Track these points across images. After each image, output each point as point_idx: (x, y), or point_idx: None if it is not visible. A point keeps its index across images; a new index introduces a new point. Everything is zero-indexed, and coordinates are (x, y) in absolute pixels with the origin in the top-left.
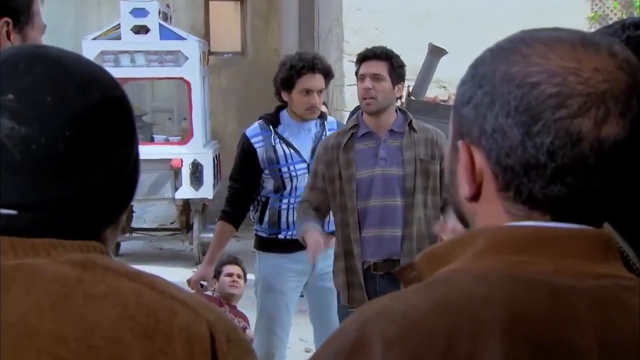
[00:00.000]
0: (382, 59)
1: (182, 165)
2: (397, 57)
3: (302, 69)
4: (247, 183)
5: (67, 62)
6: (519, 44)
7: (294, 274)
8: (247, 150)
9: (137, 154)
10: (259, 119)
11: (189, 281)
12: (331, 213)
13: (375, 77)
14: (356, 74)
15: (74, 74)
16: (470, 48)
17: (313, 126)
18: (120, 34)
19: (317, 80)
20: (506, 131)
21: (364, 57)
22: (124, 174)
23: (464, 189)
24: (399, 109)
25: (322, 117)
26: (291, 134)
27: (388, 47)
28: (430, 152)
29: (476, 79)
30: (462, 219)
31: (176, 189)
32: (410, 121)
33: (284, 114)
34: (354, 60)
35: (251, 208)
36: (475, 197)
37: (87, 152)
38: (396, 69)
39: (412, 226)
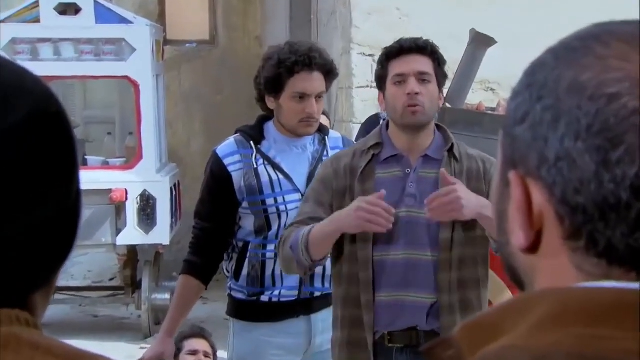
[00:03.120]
0: (426, 54)
1: (126, 199)
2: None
3: (294, 65)
4: (218, 222)
5: None
6: (591, 42)
7: (283, 351)
8: (218, 176)
9: (78, 188)
10: (236, 133)
11: None
12: (329, 264)
13: (422, 78)
14: (380, 77)
15: None
16: (527, 36)
17: (309, 143)
18: (39, 15)
19: (315, 81)
20: (575, 159)
21: (401, 51)
22: (61, 217)
23: (518, 237)
24: (438, 125)
25: (322, 131)
26: (280, 153)
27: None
28: (476, 189)
29: (534, 88)
30: (516, 278)
31: (118, 231)
32: (452, 146)
33: (270, 126)
34: (366, 53)
35: (224, 257)
36: (533, 247)
37: (10, 191)
38: (442, 68)
39: (447, 292)
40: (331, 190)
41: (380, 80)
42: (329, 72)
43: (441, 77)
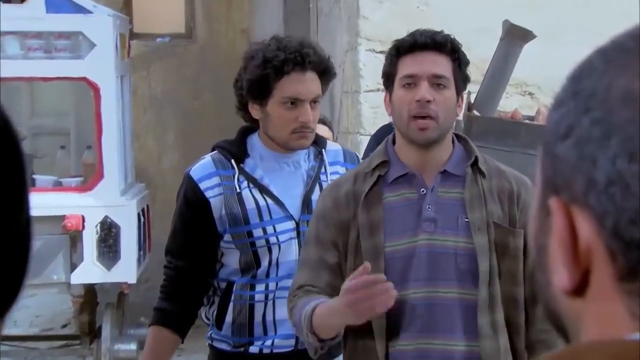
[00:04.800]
0: (445, 52)
1: (83, 227)
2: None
3: (283, 64)
4: (194, 259)
5: None
6: None
7: None
8: (193, 204)
9: (28, 214)
10: (213, 150)
11: None
12: None
13: (436, 82)
14: (388, 74)
15: None
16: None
17: (303, 159)
18: None
19: (309, 83)
20: (629, 183)
21: (414, 46)
22: (7, 250)
23: (561, 277)
24: (457, 135)
25: (318, 143)
26: (267, 172)
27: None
28: (508, 213)
29: (580, 98)
30: (558, 325)
31: (73, 267)
32: (476, 159)
33: (254, 140)
34: (376, 49)
35: (204, 302)
36: (579, 289)
37: None
38: (463, 70)
39: (488, 336)
40: (332, 227)
41: (388, 79)
42: (325, 72)
43: (461, 81)
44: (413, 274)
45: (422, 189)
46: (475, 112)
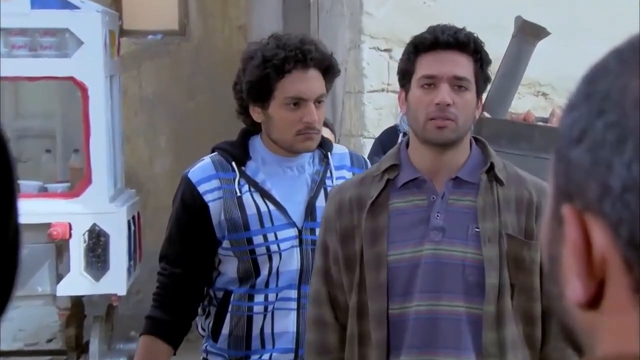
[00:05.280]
0: (467, 51)
1: (70, 236)
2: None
3: (284, 63)
4: (190, 266)
5: None
6: None
7: None
8: (190, 208)
9: (17, 221)
10: (213, 152)
11: None
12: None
13: (457, 84)
14: (405, 72)
15: None
16: (588, 27)
17: (308, 163)
18: None
19: (313, 81)
20: None
21: (436, 44)
22: None
23: (574, 289)
24: (475, 139)
25: (324, 146)
26: (270, 177)
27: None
28: (525, 225)
29: (594, 100)
30: (572, 339)
31: (59, 277)
32: (492, 165)
33: (257, 143)
34: (381, 47)
35: (199, 312)
36: (594, 302)
37: None
38: (484, 71)
39: (492, 356)
40: (335, 234)
41: (404, 76)
42: (329, 69)
43: (482, 82)
44: (417, 286)
45: (433, 196)
46: (486, 114)
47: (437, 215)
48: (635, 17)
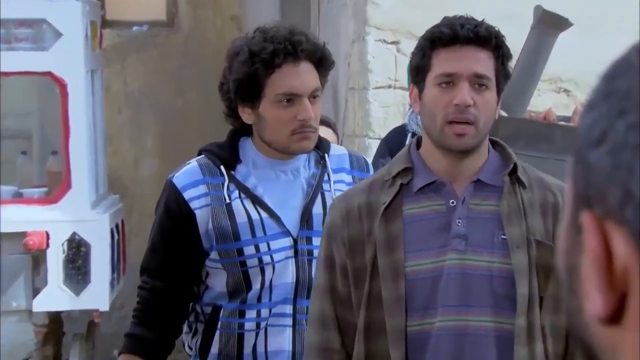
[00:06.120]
0: (488, 47)
1: (48, 246)
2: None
3: (273, 56)
4: (175, 279)
5: None
6: None
7: None
8: (175, 215)
9: None
10: (199, 154)
11: None
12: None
13: (478, 83)
14: (419, 68)
15: None
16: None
17: (303, 166)
18: None
19: (305, 74)
20: None
21: (454, 39)
22: None
23: (594, 302)
24: (492, 141)
25: (321, 147)
26: (262, 181)
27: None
28: (552, 230)
29: (614, 99)
30: (591, 355)
31: (36, 291)
32: (515, 166)
33: (247, 145)
34: (387, 40)
35: (185, 329)
36: (615, 316)
37: None
38: (505, 67)
39: None
40: (342, 245)
41: (418, 73)
42: (322, 61)
43: (503, 79)
44: (441, 300)
45: (452, 200)
46: (502, 113)
47: (459, 222)
48: None
